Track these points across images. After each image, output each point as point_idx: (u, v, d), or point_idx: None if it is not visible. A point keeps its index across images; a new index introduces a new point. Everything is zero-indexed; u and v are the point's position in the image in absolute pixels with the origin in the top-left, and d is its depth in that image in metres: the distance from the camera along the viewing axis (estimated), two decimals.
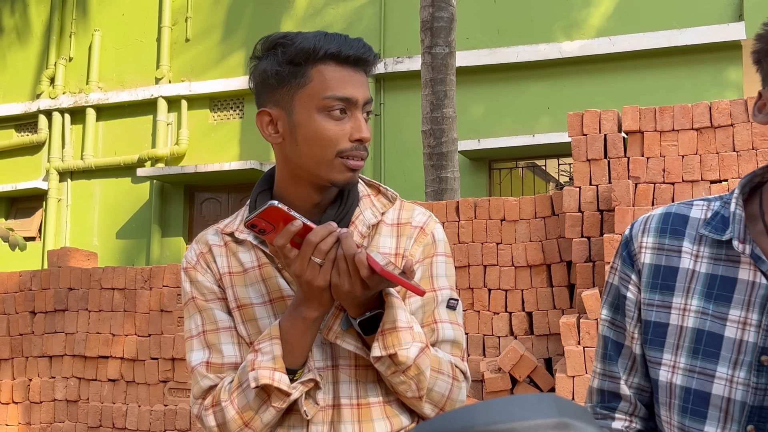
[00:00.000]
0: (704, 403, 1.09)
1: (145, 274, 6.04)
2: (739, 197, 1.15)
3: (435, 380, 1.36)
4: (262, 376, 1.28)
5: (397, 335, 1.27)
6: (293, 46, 1.32)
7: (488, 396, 5.15)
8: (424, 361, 1.32)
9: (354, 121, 1.34)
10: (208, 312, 1.43)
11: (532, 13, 10.17)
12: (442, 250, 1.48)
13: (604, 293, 1.28)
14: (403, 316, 1.30)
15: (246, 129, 11.45)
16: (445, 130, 6.83)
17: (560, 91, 9.87)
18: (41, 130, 12.47)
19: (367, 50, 1.37)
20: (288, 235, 1.23)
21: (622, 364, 1.22)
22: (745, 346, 1.08)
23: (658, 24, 9.53)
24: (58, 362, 6.25)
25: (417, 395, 1.35)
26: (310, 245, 1.23)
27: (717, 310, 1.11)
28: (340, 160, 1.34)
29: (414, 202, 1.63)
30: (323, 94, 1.32)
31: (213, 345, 1.42)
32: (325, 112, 1.33)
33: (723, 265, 1.13)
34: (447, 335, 1.42)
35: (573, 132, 5.30)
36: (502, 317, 5.39)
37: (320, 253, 1.23)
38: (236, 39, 11.67)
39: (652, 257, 1.19)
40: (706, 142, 5.00)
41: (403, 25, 10.64)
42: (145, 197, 11.88)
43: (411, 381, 1.32)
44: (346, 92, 1.33)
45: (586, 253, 5.07)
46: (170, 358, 5.84)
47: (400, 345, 1.27)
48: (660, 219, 1.22)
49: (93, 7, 12.65)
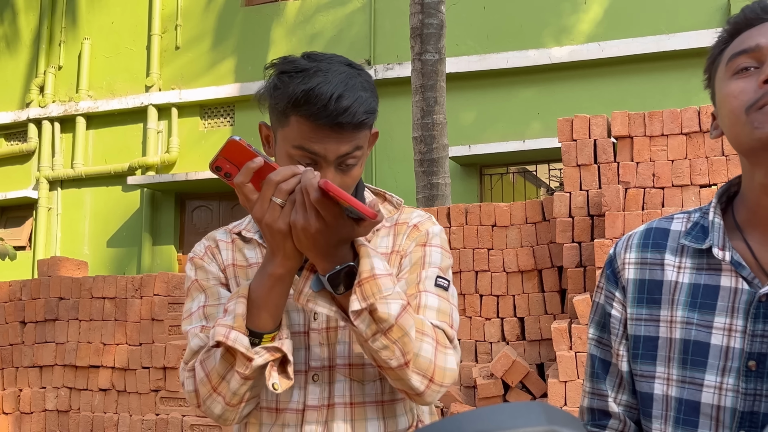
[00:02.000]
0: (695, 413, 1.10)
1: (135, 283, 6.02)
2: (717, 206, 1.17)
3: (420, 343, 1.26)
4: (218, 333, 1.22)
5: (376, 282, 1.19)
6: (281, 90, 1.31)
7: (481, 402, 5.14)
8: (407, 320, 1.23)
9: (321, 173, 1.31)
10: (212, 290, 1.42)
11: (522, 19, 10.20)
12: (438, 242, 1.45)
13: (591, 312, 1.29)
14: (380, 264, 1.22)
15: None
16: (435, 136, 6.84)
17: (550, 96, 9.90)
18: (31, 138, 12.43)
19: (350, 117, 1.28)
20: (248, 172, 1.18)
21: (610, 382, 1.23)
22: (732, 352, 1.08)
23: (647, 29, 9.58)
24: (48, 372, 6.21)
25: (403, 361, 1.24)
26: (270, 184, 1.18)
27: (702, 318, 1.12)
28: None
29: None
30: (292, 142, 1.31)
31: (211, 315, 1.38)
32: (292, 159, 1.31)
33: (705, 273, 1.14)
34: (430, 302, 1.36)
35: (563, 137, 5.32)
36: (493, 323, 5.39)
37: (281, 193, 1.17)
38: (226, 46, 11.67)
39: (635, 272, 1.21)
40: (695, 146, 5.02)
41: (393, 31, 10.66)
42: (136, 205, 11.84)
43: (394, 345, 1.22)
44: (314, 148, 1.30)
45: (577, 259, 5.08)
46: (161, 367, 5.81)
47: (381, 292, 1.19)
48: (642, 235, 1.24)
49: (82, 16, 12.63)
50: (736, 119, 1.08)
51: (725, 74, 1.13)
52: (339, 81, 1.29)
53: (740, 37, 1.12)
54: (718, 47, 1.17)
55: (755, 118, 1.05)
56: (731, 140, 1.12)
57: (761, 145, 1.04)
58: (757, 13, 1.11)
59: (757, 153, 1.06)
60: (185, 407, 5.71)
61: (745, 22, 1.12)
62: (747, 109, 1.06)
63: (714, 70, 1.18)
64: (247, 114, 11.37)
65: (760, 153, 1.06)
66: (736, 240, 1.14)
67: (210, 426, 5.58)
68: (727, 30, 1.15)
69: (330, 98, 1.26)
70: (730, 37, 1.15)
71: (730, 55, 1.12)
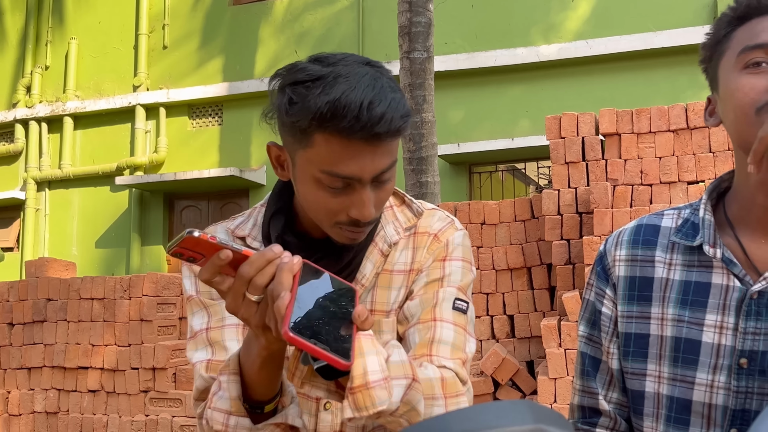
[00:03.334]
0: (686, 411, 1.09)
1: (124, 284, 5.99)
2: (707, 203, 1.16)
3: (431, 409, 1.17)
4: (215, 421, 1.13)
5: (369, 394, 1.02)
6: (299, 105, 1.11)
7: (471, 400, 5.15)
8: (414, 396, 1.11)
9: (356, 196, 1.15)
10: (215, 307, 1.31)
11: (510, 17, 10.22)
12: (459, 254, 1.32)
13: (582, 309, 1.28)
14: (374, 364, 1.04)
15: (225, 136, 11.41)
16: (424, 134, 6.84)
17: (538, 94, 9.92)
18: (18, 139, 12.35)
19: (386, 125, 1.10)
20: (213, 269, 1.00)
21: (600, 380, 1.22)
22: (723, 350, 1.07)
23: (634, 27, 9.61)
24: (37, 374, 6.18)
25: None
26: (242, 280, 1.00)
27: (693, 316, 1.11)
28: (338, 229, 1.19)
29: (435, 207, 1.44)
30: (322, 167, 1.12)
31: (216, 342, 1.29)
32: (321, 184, 1.14)
33: (696, 270, 1.13)
34: (445, 336, 1.24)
35: (551, 135, 5.33)
36: (483, 321, 5.40)
37: (256, 289, 1.00)
38: (214, 45, 11.63)
39: (626, 269, 1.20)
40: (682, 143, 5.04)
41: (381, 30, 10.66)
42: (124, 206, 11.79)
43: (401, 419, 1.12)
44: (348, 170, 1.12)
45: (566, 256, 5.10)
46: (151, 368, 5.79)
47: (374, 405, 1.03)
48: (632, 231, 1.23)
49: (69, 15, 12.56)
50: (744, 117, 1.04)
51: (735, 66, 1.07)
52: (366, 85, 1.10)
53: (753, 26, 1.07)
54: (724, 28, 1.11)
55: (766, 120, 1.00)
56: (734, 135, 1.09)
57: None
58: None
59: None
60: (175, 408, 5.70)
61: (758, 6, 1.07)
62: (758, 110, 1.02)
63: (719, 55, 1.12)
64: (235, 113, 11.34)
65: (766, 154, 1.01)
66: (726, 236, 1.13)
67: None
68: (735, 10, 1.09)
69: (361, 107, 1.08)
70: (738, 19, 1.09)
71: (743, 47, 1.07)
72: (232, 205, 11.38)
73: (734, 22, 1.10)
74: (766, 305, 1.06)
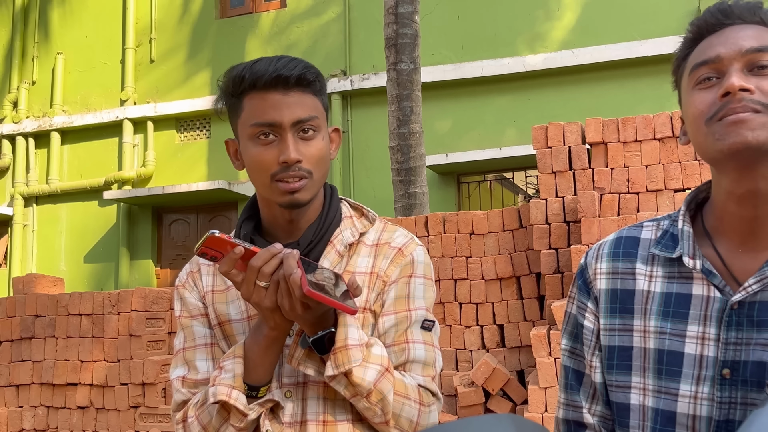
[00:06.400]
0: (671, 423, 1.10)
1: (113, 299, 5.96)
2: (685, 214, 1.17)
3: (401, 405, 1.36)
4: (220, 393, 1.31)
5: (347, 353, 1.29)
6: (227, 79, 1.39)
7: (462, 410, 5.14)
8: (385, 385, 1.33)
9: (283, 144, 1.35)
10: (190, 329, 1.49)
11: (496, 28, 10.26)
12: (421, 271, 1.48)
13: (564, 322, 1.29)
14: (354, 334, 1.31)
15: (213, 149, 11.39)
16: (412, 145, 6.86)
17: (525, 104, 9.96)
18: (5, 155, 12.29)
19: (289, 69, 1.35)
20: (230, 262, 1.26)
21: (584, 393, 1.23)
22: (706, 361, 1.08)
23: (619, 36, 9.67)
24: (25, 391, 6.13)
25: (383, 420, 1.35)
26: (253, 270, 1.26)
27: (675, 327, 1.11)
28: (276, 184, 1.36)
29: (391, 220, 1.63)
30: (249, 122, 1.37)
31: (190, 361, 1.46)
32: (254, 139, 1.37)
33: (677, 282, 1.14)
34: (418, 356, 1.41)
35: (538, 145, 5.35)
36: (473, 331, 5.40)
37: (264, 276, 1.26)
38: (201, 59, 11.63)
39: (607, 282, 1.21)
40: (668, 151, 5.07)
41: (368, 42, 10.68)
42: (113, 220, 11.74)
43: (375, 407, 1.33)
44: (267, 117, 1.35)
45: (555, 265, 5.11)
46: (140, 383, 5.76)
47: (350, 362, 1.28)
48: (612, 244, 1.24)
49: (55, 30, 12.53)
50: (698, 129, 1.10)
51: (689, 83, 1.14)
52: (280, 56, 1.38)
53: (702, 45, 1.13)
54: (682, 51, 1.18)
55: (715, 130, 1.06)
56: (696, 148, 1.13)
57: (722, 155, 1.05)
58: (718, 18, 1.12)
59: (720, 162, 1.07)
60: (165, 423, 5.66)
61: (706, 27, 1.13)
62: (707, 121, 1.08)
63: (680, 76, 1.19)
64: (223, 126, 11.29)
65: (723, 162, 1.07)
66: (705, 247, 1.14)
67: None
68: (690, 32, 1.16)
69: (271, 63, 1.35)
70: (693, 41, 1.15)
71: (693, 65, 1.13)
72: (220, 218, 11.36)
73: (689, 44, 1.16)
74: (746, 315, 1.06)
